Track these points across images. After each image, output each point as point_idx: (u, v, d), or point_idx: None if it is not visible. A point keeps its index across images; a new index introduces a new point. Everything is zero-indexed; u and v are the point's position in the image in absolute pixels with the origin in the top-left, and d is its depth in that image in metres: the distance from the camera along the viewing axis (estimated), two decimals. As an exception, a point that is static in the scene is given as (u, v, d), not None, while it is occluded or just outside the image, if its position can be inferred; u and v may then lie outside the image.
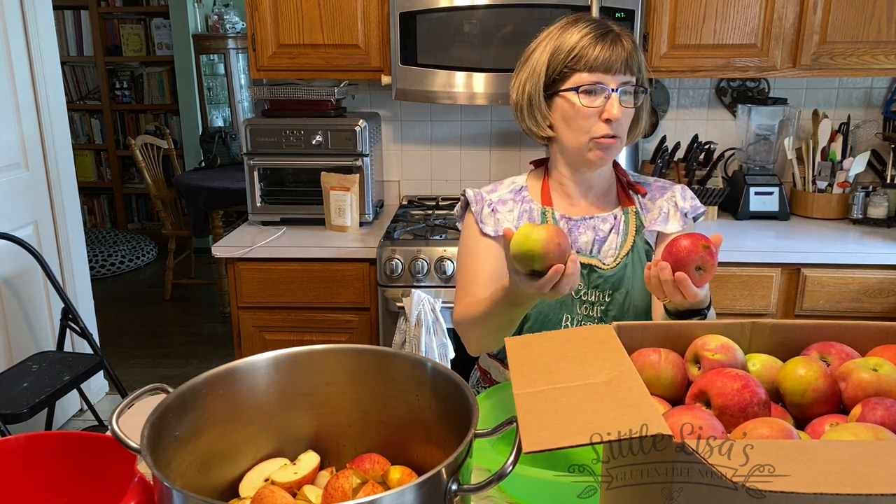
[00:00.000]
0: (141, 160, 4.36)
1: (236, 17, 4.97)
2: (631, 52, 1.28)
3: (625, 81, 1.28)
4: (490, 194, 1.45)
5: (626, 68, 1.27)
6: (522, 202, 1.42)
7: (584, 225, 1.39)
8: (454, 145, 2.78)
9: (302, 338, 2.32)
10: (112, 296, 4.71)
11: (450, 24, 2.24)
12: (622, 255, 1.36)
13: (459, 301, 1.41)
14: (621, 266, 1.36)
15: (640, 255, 1.37)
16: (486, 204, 1.42)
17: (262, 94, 2.48)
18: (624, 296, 1.36)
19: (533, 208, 1.41)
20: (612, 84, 1.27)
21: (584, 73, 1.27)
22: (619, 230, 1.39)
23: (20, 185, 2.77)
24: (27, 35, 2.78)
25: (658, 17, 2.28)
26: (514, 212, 1.42)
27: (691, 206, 1.41)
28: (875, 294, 2.19)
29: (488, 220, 1.41)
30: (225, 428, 0.95)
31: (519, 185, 1.46)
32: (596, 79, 1.27)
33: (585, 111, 1.29)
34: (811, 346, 0.85)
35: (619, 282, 1.35)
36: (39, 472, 0.96)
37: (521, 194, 1.44)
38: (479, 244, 1.41)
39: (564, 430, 0.62)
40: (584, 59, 1.27)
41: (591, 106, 1.28)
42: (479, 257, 1.41)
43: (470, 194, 1.45)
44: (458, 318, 1.38)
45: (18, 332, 2.76)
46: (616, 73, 1.27)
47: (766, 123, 2.56)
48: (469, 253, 1.43)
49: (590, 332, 0.81)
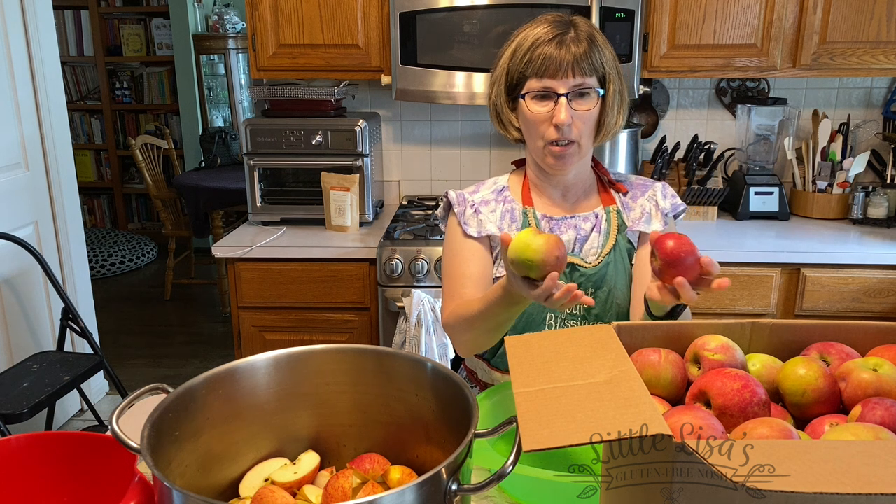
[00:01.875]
0: (141, 160, 4.36)
1: (236, 17, 4.97)
2: (585, 52, 1.25)
3: (577, 84, 1.26)
4: (472, 195, 1.44)
5: (577, 71, 1.25)
6: (504, 202, 1.42)
7: (565, 224, 1.39)
8: (454, 145, 2.78)
9: (302, 338, 2.32)
10: (112, 296, 4.71)
11: (450, 24, 2.24)
12: (604, 254, 1.37)
13: (447, 304, 1.41)
14: (603, 264, 1.36)
15: (622, 254, 1.37)
16: (468, 205, 1.42)
17: (262, 94, 2.48)
18: (606, 294, 1.36)
19: (515, 209, 1.41)
20: (560, 89, 1.25)
21: (533, 78, 1.27)
22: (600, 229, 1.38)
23: (20, 185, 2.77)
24: (27, 35, 2.78)
25: (658, 17, 2.28)
26: (497, 212, 1.41)
27: (671, 205, 1.40)
28: (875, 294, 2.19)
29: (471, 221, 1.40)
30: (225, 428, 0.95)
31: (501, 185, 1.45)
32: (543, 84, 1.26)
33: (536, 117, 1.28)
34: (811, 346, 0.85)
35: (602, 280, 1.35)
36: (39, 472, 0.96)
37: (503, 194, 1.43)
38: (463, 246, 1.41)
39: (564, 429, 0.62)
40: (532, 65, 1.26)
41: (541, 112, 1.28)
42: (465, 260, 1.40)
43: (452, 196, 1.45)
44: (448, 321, 1.38)
45: (18, 332, 2.76)
46: (564, 76, 1.25)
47: (765, 123, 2.56)
48: (455, 256, 1.43)
49: (590, 332, 0.81)
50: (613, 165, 2.49)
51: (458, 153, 2.79)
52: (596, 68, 1.27)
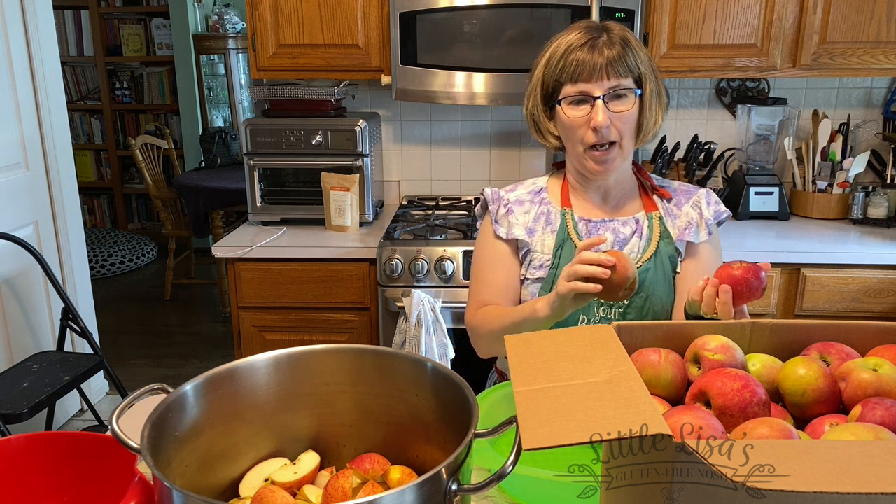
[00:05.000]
0: (141, 160, 4.36)
1: (236, 17, 4.97)
2: (618, 55, 1.26)
3: (612, 86, 1.27)
4: (508, 193, 1.45)
5: (611, 73, 1.26)
6: (541, 204, 1.42)
7: (603, 227, 1.39)
8: (454, 145, 2.78)
9: (302, 338, 2.32)
10: (112, 296, 4.71)
11: (450, 24, 2.24)
12: (644, 260, 1.36)
13: (471, 304, 1.43)
14: (643, 270, 1.35)
15: (662, 262, 1.36)
16: (501, 203, 1.43)
17: (262, 94, 2.48)
18: (644, 300, 1.35)
19: (551, 210, 1.41)
20: (596, 92, 1.26)
21: (568, 84, 1.28)
22: (641, 234, 1.38)
23: (20, 185, 2.77)
24: (27, 35, 2.78)
25: (658, 17, 2.28)
26: (531, 213, 1.42)
27: (714, 212, 1.41)
28: (875, 294, 2.19)
29: (502, 221, 1.41)
30: (225, 428, 0.95)
31: (539, 185, 1.46)
32: (579, 89, 1.27)
33: (574, 122, 1.29)
34: (811, 346, 0.85)
35: (640, 286, 1.34)
36: (39, 472, 0.96)
37: (541, 195, 1.44)
38: (492, 249, 1.42)
39: (564, 428, 0.62)
40: (566, 70, 1.27)
41: (578, 116, 1.29)
42: (491, 264, 1.42)
43: (487, 193, 1.46)
44: (473, 325, 1.40)
45: (18, 332, 2.76)
46: (599, 79, 1.26)
47: (766, 123, 2.56)
48: (482, 258, 1.44)
49: (590, 332, 0.81)
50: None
51: (458, 153, 2.79)
52: (631, 69, 1.28)
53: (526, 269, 1.40)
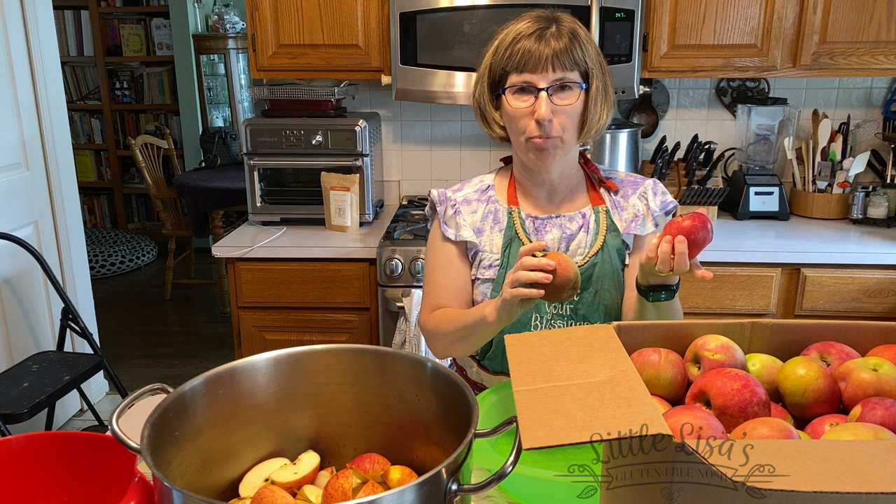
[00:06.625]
0: (141, 160, 4.36)
1: (236, 17, 4.97)
2: (565, 47, 1.24)
3: (557, 78, 1.24)
4: (455, 193, 1.43)
5: (557, 65, 1.23)
6: (488, 202, 1.41)
7: (550, 223, 1.38)
8: (454, 145, 2.78)
9: (302, 338, 2.32)
10: (112, 296, 4.71)
11: (450, 24, 2.24)
12: (591, 254, 1.35)
13: (424, 308, 1.42)
14: (590, 265, 1.34)
15: (610, 255, 1.35)
16: (449, 205, 1.41)
17: (262, 94, 2.48)
18: (593, 295, 1.34)
19: (499, 209, 1.40)
20: (540, 83, 1.24)
21: (513, 73, 1.26)
22: (588, 229, 1.37)
23: (20, 185, 2.77)
24: (27, 35, 2.78)
25: (658, 17, 2.28)
26: (478, 212, 1.40)
27: (661, 203, 1.38)
28: (875, 294, 2.19)
29: (450, 222, 1.40)
30: (225, 428, 0.95)
31: (486, 183, 1.44)
32: (524, 79, 1.25)
33: (517, 112, 1.27)
34: (811, 346, 0.85)
35: (588, 280, 1.34)
36: (39, 472, 0.96)
37: (487, 194, 1.42)
38: (442, 251, 1.41)
39: (564, 427, 0.62)
40: (512, 59, 1.26)
41: (522, 107, 1.27)
42: (441, 266, 1.41)
43: (434, 195, 1.44)
44: (427, 328, 1.40)
45: (18, 332, 2.76)
46: (544, 70, 1.24)
47: (765, 123, 2.56)
48: (433, 260, 1.43)
49: (590, 332, 0.81)
50: (614, 165, 2.49)
51: (458, 153, 2.79)
52: (578, 63, 1.26)
53: (476, 270, 1.39)
